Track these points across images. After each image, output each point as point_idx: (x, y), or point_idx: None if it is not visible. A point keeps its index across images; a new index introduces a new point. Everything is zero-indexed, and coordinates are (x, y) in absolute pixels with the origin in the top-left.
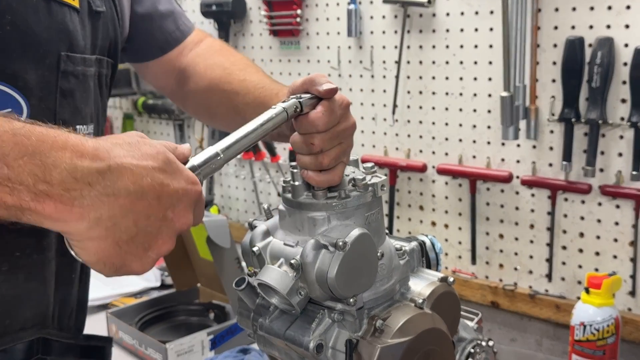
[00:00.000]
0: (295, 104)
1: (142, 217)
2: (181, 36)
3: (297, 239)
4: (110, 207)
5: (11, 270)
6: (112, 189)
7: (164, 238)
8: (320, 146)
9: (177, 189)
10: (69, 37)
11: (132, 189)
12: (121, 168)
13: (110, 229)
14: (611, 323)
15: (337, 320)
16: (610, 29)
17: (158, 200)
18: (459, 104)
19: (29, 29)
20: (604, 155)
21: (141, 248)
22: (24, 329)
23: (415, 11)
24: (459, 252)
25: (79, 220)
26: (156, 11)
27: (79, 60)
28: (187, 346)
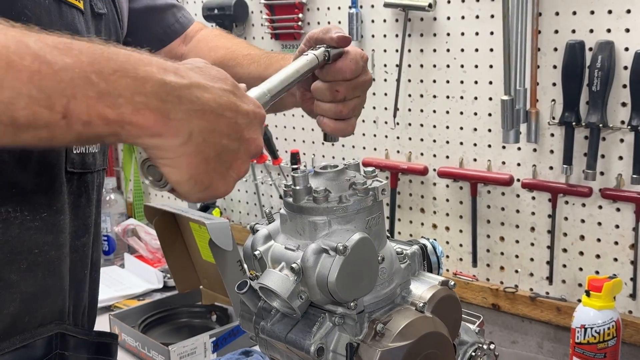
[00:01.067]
0: (325, 52)
1: (224, 134)
2: (180, 28)
3: (298, 243)
4: (199, 122)
5: (30, 268)
6: (199, 104)
7: (242, 158)
8: (344, 94)
9: (248, 110)
10: None
11: (215, 106)
12: (200, 86)
13: (201, 145)
14: (612, 326)
15: (337, 323)
16: (611, 33)
17: (235, 119)
18: (459, 107)
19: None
20: (604, 159)
21: (225, 166)
22: (42, 325)
23: (416, 15)
24: (460, 255)
25: (174, 135)
26: (154, 6)
27: None
28: (190, 348)
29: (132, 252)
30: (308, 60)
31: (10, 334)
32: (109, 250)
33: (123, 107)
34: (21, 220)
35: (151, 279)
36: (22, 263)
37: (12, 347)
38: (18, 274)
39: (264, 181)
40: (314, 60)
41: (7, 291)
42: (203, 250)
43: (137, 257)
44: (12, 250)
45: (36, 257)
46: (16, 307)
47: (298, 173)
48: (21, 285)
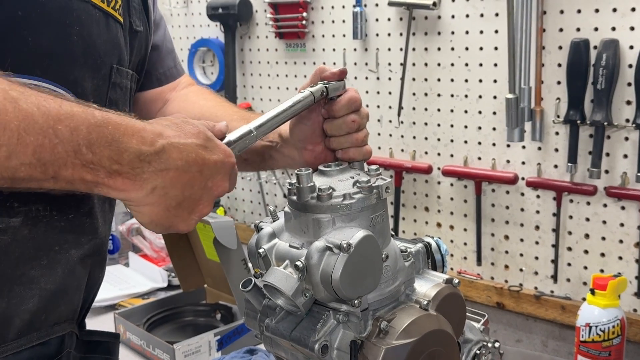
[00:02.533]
0: (322, 89)
1: (187, 186)
2: (177, 74)
3: (303, 241)
4: (163, 179)
5: (50, 265)
6: (164, 165)
7: (204, 203)
8: (359, 122)
9: (215, 161)
10: (119, 51)
11: (180, 164)
12: (172, 147)
13: (162, 197)
14: (617, 324)
15: (342, 321)
16: (616, 31)
17: (200, 172)
18: (464, 105)
19: (92, 41)
20: (609, 157)
21: (186, 212)
22: (58, 323)
23: (421, 13)
24: (464, 253)
25: (138, 190)
26: (163, 45)
27: (124, 74)
28: (195, 347)
29: (136, 251)
30: (303, 96)
31: (28, 331)
32: (114, 249)
33: (100, 172)
34: (49, 219)
35: (156, 278)
36: (43, 259)
37: (29, 344)
38: (38, 270)
39: (268, 180)
40: (309, 96)
41: (27, 287)
42: (207, 249)
43: (142, 256)
44: (35, 247)
45: (56, 254)
46: (35, 303)
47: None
48: (41, 282)
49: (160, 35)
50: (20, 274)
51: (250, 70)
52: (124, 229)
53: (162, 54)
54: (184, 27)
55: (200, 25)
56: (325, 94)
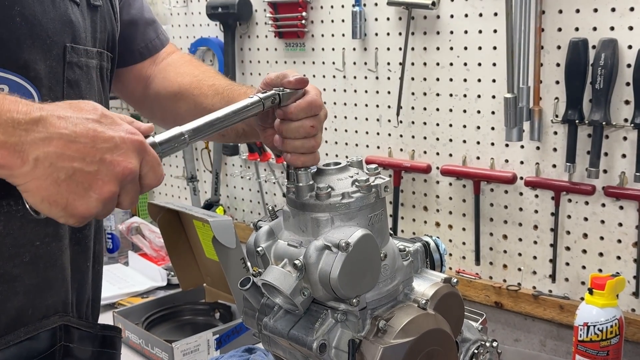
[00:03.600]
0: (274, 95)
1: (76, 158)
2: (160, 45)
3: (301, 240)
4: (45, 148)
5: (32, 260)
6: (45, 134)
7: (104, 179)
8: (317, 128)
9: (113, 135)
10: (72, 28)
11: (65, 132)
12: (54, 117)
13: (48, 168)
14: (615, 324)
15: (340, 320)
16: (614, 31)
17: (92, 144)
18: (463, 105)
19: (37, 20)
20: (607, 157)
21: (81, 187)
22: (46, 317)
23: (420, 13)
24: (462, 253)
25: (21, 165)
26: (141, 18)
27: (82, 52)
28: (193, 345)
29: (136, 250)
30: (251, 102)
31: (15, 326)
32: (113, 248)
33: None
34: (22, 213)
35: (155, 277)
36: (25, 256)
37: (17, 339)
38: (21, 267)
39: (267, 179)
40: (258, 103)
41: (11, 285)
42: (206, 248)
43: (141, 255)
44: (14, 244)
45: (37, 249)
46: (20, 300)
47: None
48: (24, 279)
49: (138, 8)
50: (2, 273)
51: (249, 70)
52: (123, 228)
53: (141, 27)
54: (183, 26)
55: (199, 25)
56: (277, 102)
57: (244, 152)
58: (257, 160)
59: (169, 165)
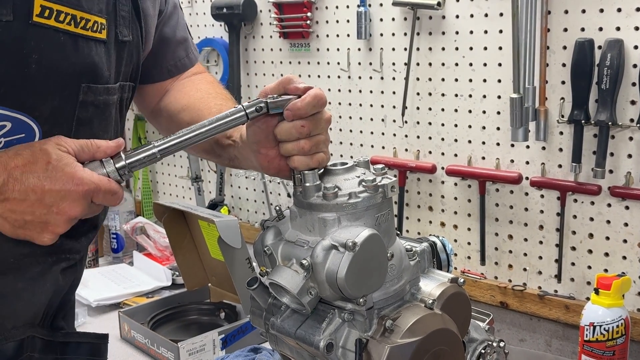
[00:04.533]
0: (258, 104)
1: (27, 213)
2: (189, 64)
3: (308, 240)
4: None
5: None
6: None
7: (54, 225)
8: (309, 128)
9: (58, 190)
10: (93, 69)
11: (17, 194)
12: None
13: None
14: (620, 324)
15: (347, 320)
16: (620, 31)
17: (40, 201)
18: (468, 105)
19: (54, 66)
20: (613, 157)
21: (36, 231)
22: (15, 327)
23: (425, 13)
24: (468, 253)
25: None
26: (174, 36)
27: (101, 91)
28: (199, 345)
29: (140, 250)
30: (231, 112)
31: None
32: (118, 248)
33: None
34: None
35: (160, 277)
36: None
37: None
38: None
39: (271, 179)
40: (240, 113)
41: None
42: (212, 248)
43: (146, 255)
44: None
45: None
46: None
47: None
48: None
49: (172, 26)
50: None
51: (254, 70)
52: (128, 228)
53: (172, 45)
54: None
55: (204, 25)
56: (263, 111)
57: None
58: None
59: (173, 165)
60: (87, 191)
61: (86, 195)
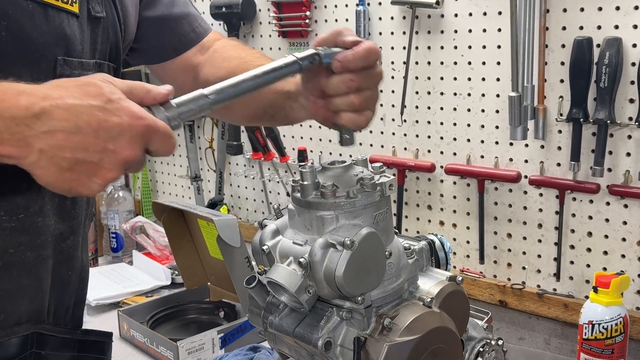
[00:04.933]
0: (313, 55)
1: (79, 149)
2: (196, 38)
3: (306, 238)
4: (48, 141)
5: (5, 267)
6: (47, 127)
7: (107, 167)
8: (358, 83)
9: (117, 123)
10: (65, 41)
11: (67, 125)
12: (55, 108)
13: (51, 160)
14: (619, 322)
15: (345, 318)
16: (619, 29)
17: (95, 135)
18: (467, 104)
19: (25, 35)
20: (612, 155)
21: (84, 175)
22: (18, 323)
23: (424, 12)
24: (467, 252)
25: (27, 156)
26: (170, 14)
27: (76, 64)
28: (198, 344)
29: (140, 249)
30: (285, 62)
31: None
32: (117, 248)
33: None
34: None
35: (159, 276)
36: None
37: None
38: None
39: (271, 178)
40: (294, 63)
41: None
42: (211, 247)
43: (145, 254)
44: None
45: (11, 256)
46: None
47: (306, 168)
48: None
49: (167, 4)
50: None
51: None
52: (127, 228)
53: (171, 22)
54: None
55: None
56: (317, 61)
57: (248, 151)
58: (261, 160)
59: (172, 164)
60: (147, 126)
61: (145, 133)
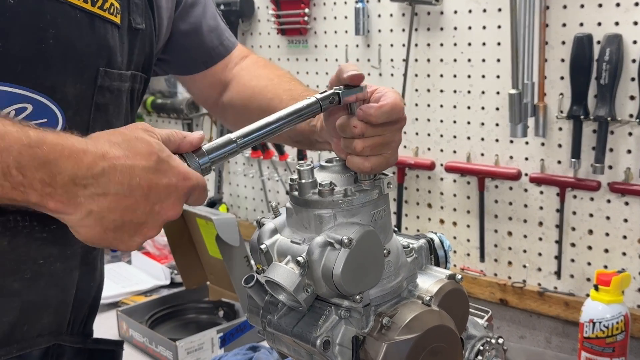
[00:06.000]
0: (332, 95)
1: (129, 211)
2: (224, 51)
3: (304, 237)
4: (100, 203)
5: (33, 277)
6: (102, 189)
7: (150, 227)
8: (361, 130)
9: (166, 185)
10: (108, 52)
11: (121, 188)
12: (113, 170)
13: (99, 221)
14: (620, 320)
15: (343, 317)
16: (619, 26)
17: (146, 197)
18: (467, 101)
19: (71, 44)
20: (612, 152)
21: (127, 235)
22: (41, 335)
23: (423, 9)
24: (467, 250)
25: (72, 213)
26: (200, 27)
27: (115, 76)
28: (197, 344)
29: (139, 249)
30: (307, 104)
31: (8, 342)
32: None
33: (32, 195)
34: (29, 230)
35: (158, 275)
36: (26, 272)
37: (7, 355)
38: (21, 283)
39: (270, 177)
40: (315, 104)
41: (9, 299)
42: (210, 246)
43: (145, 253)
44: (17, 259)
45: (40, 267)
46: (15, 315)
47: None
48: (22, 294)
49: (197, 16)
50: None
51: None
52: None
53: (201, 35)
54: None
55: None
56: (336, 101)
57: (247, 150)
58: (260, 158)
59: None
60: (192, 187)
61: (190, 192)
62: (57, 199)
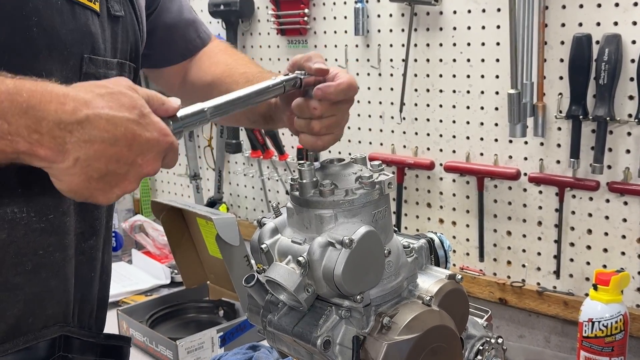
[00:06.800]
0: (296, 79)
1: (113, 160)
2: (201, 44)
3: (305, 237)
4: (86, 151)
5: (34, 269)
6: (88, 136)
7: (130, 179)
8: (321, 111)
9: (148, 138)
10: (91, 39)
11: (107, 136)
12: (98, 118)
13: (85, 169)
14: (619, 319)
15: (344, 317)
16: (618, 26)
17: (129, 148)
18: (466, 101)
19: (55, 31)
20: (611, 152)
21: (108, 185)
22: (46, 326)
23: (423, 9)
24: (466, 250)
25: (61, 162)
26: (180, 20)
27: (100, 63)
28: (197, 343)
29: (139, 248)
30: (273, 84)
31: (14, 335)
32: (117, 247)
33: (20, 143)
34: (27, 221)
35: (158, 275)
36: (27, 265)
37: (15, 348)
38: (23, 275)
39: (270, 177)
40: (280, 85)
41: (12, 293)
42: (210, 245)
43: (145, 253)
44: (17, 252)
45: (40, 258)
46: (20, 308)
47: (305, 166)
48: (25, 287)
49: (176, 11)
50: (3, 281)
51: None
52: (126, 226)
53: (180, 29)
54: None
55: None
56: (298, 85)
57: (247, 149)
58: (260, 158)
59: None
60: (170, 144)
61: (168, 149)
62: (46, 145)
